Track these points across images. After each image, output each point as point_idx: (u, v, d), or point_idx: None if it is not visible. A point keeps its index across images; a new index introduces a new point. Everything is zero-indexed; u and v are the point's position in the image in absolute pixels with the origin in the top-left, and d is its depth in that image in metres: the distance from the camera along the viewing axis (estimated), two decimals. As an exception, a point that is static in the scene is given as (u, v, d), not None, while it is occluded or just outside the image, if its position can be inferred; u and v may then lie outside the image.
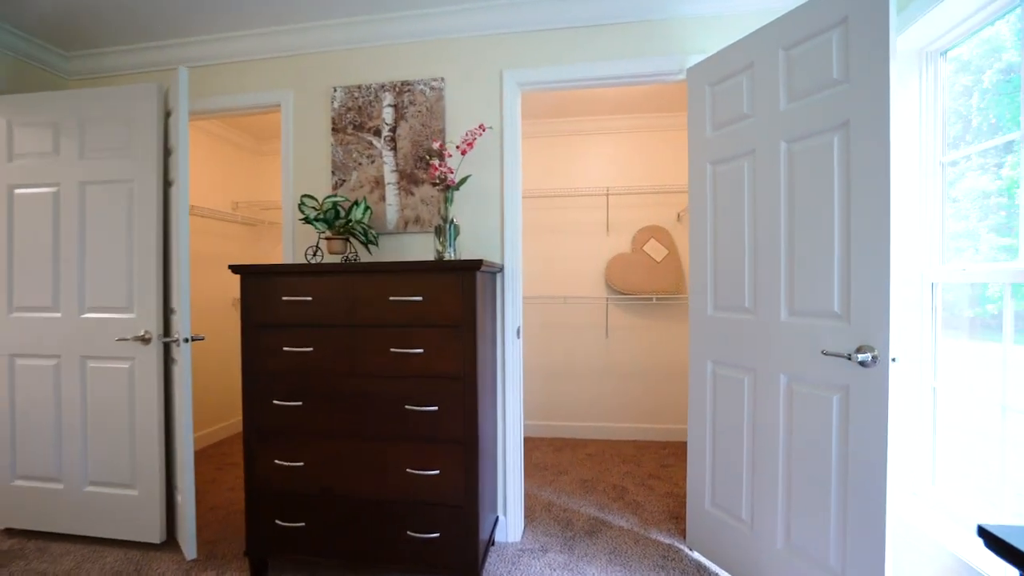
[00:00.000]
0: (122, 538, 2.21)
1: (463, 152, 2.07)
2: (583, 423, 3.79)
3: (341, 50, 2.42)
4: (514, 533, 2.29)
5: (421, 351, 1.84)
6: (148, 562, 2.08)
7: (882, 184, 1.38)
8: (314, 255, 2.12)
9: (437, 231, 2.02)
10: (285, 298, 1.94)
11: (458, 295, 1.82)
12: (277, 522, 1.97)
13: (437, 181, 2.03)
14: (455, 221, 2.03)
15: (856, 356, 1.41)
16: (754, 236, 1.78)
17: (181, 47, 2.51)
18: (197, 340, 2.16)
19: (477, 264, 1.78)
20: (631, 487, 2.86)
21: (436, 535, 1.85)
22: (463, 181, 2.05)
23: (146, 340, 2.16)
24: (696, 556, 2.10)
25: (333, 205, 2.12)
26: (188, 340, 2.06)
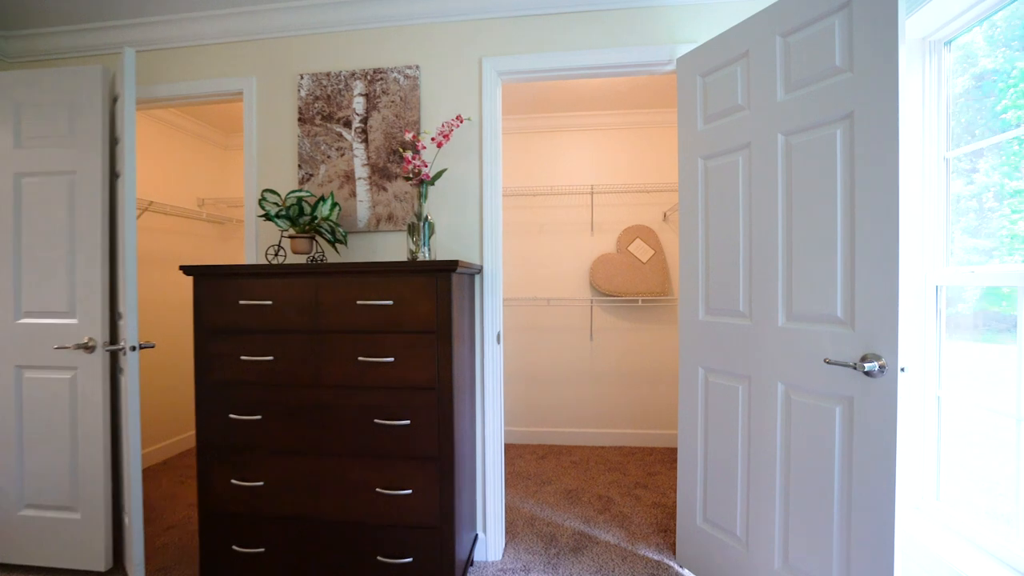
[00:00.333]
0: (63, 566, 2.01)
1: (439, 145, 1.92)
2: (567, 429, 3.67)
3: (308, 34, 2.25)
4: (495, 551, 2.14)
5: (392, 360, 1.69)
6: (90, 593, 1.89)
7: (890, 180, 1.28)
8: (276, 255, 1.95)
9: (410, 229, 1.87)
10: (243, 302, 1.77)
11: (432, 298, 1.67)
12: (235, 548, 1.80)
13: (410, 175, 1.88)
14: (430, 218, 1.88)
15: (863, 365, 1.30)
16: (749, 235, 1.67)
17: (133, 28, 2.31)
18: (146, 348, 1.97)
19: (453, 265, 1.63)
20: (617, 497, 2.74)
21: (409, 560, 1.70)
22: (438, 175, 1.90)
23: (89, 348, 1.97)
24: (687, 574, 1.99)
25: (298, 201, 1.95)
26: (136, 348, 1.87)
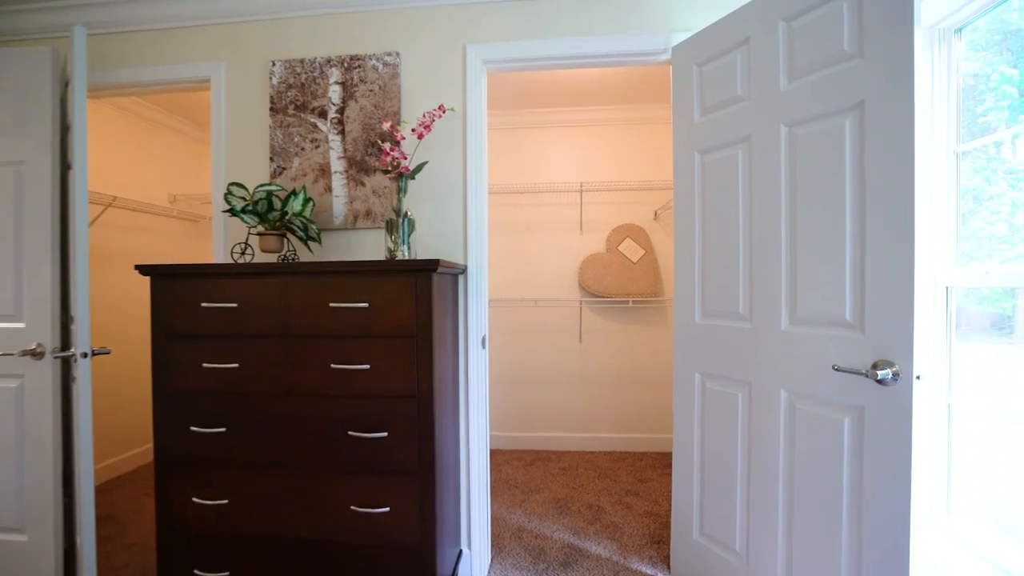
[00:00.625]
0: (8, 592, 1.85)
1: (420, 136, 1.80)
2: (556, 434, 3.56)
3: (281, 18, 2.11)
4: (479, 568, 2.03)
5: (367, 367, 1.56)
6: (37, 622, 1.73)
7: (904, 173, 1.19)
8: (243, 254, 1.81)
9: (388, 226, 1.74)
10: (205, 304, 1.63)
11: (411, 300, 1.54)
12: (196, 572, 1.65)
13: (389, 168, 1.75)
14: (409, 215, 1.76)
15: (875, 373, 1.21)
16: (749, 233, 1.58)
17: (90, 8, 2.15)
18: (101, 354, 1.81)
19: (433, 264, 1.51)
20: (608, 506, 2.64)
21: (386, 583, 1.58)
22: (419, 168, 1.78)
23: (38, 355, 1.81)
24: (682, 590, 1.89)
25: (267, 195, 1.81)
26: (88, 355, 1.71)
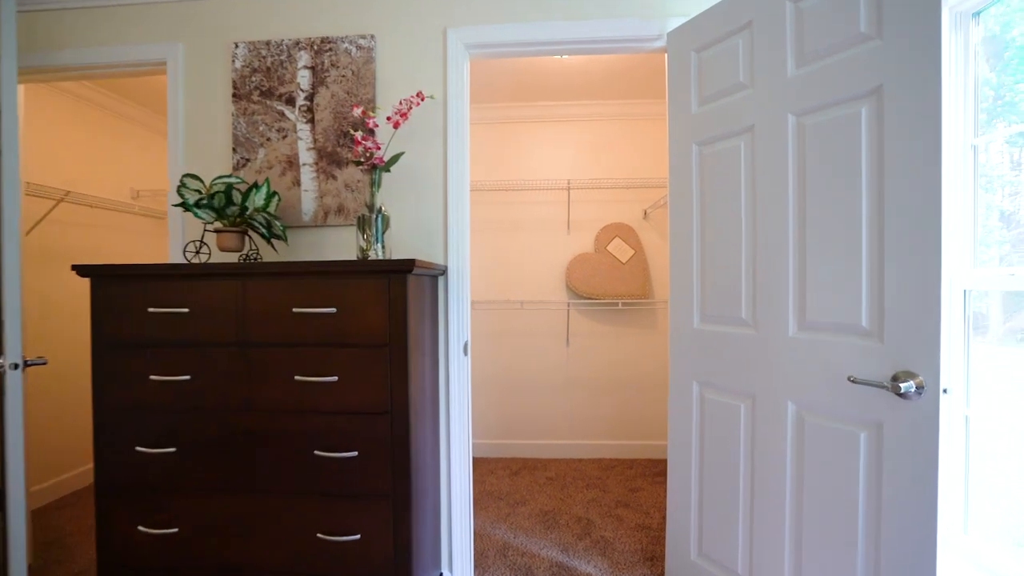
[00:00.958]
0: (-70, 633, 1.64)
1: (395, 125, 1.65)
2: (542, 441, 3.43)
3: (244, -4, 1.93)
4: (462, 592, 1.88)
5: (335, 379, 1.41)
6: (-39, 668, 1.53)
7: (929, 165, 1.08)
8: (197, 253, 1.64)
9: (360, 223, 1.59)
10: (153, 310, 1.45)
11: (384, 305, 1.39)
12: (141, 609, 1.48)
13: (361, 159, 1.60)
14: (384, 210, 1.61)
15: (898, 385, 1.09)
16: (753, 231, 1.46)
17: (30, -17, 1.95)
18: (36, 364, 1.62)
19: (409, 264, 1.36)
20: (598, 519, 2.51)
21: (357, 619, 1.42)
22: (394, 160, 1.63)
23: (-37, 366, 1.61)
24: (678, 613, 1.77)
25: (226, 188, 1.64)
26: (19, 366, 1.52)
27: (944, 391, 1.06)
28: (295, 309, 1.41)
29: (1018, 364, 1.39)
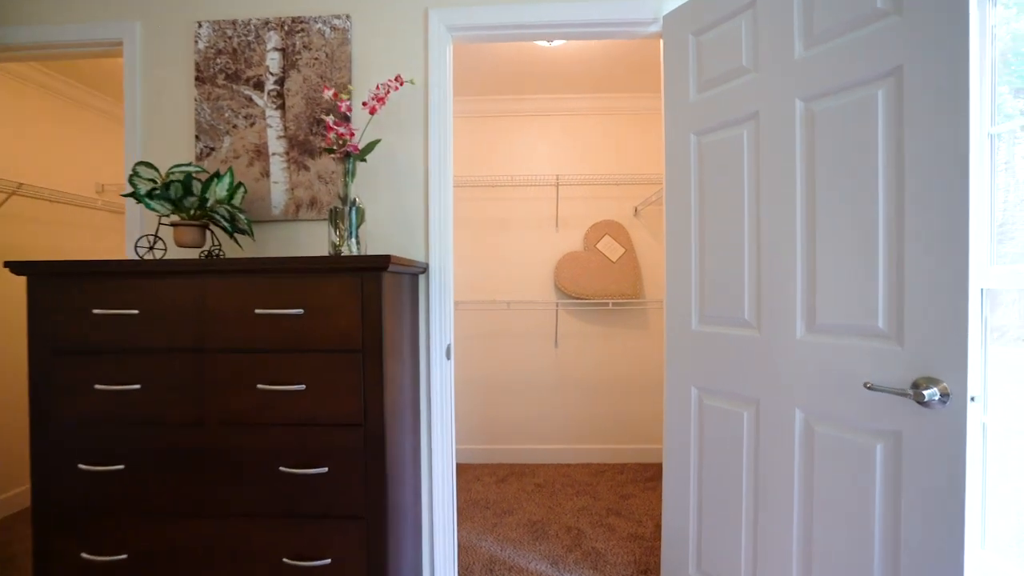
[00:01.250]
0: None
1: (372, 111, 1.51)
2: (530, 446, 3.31)
3: (207, -29, 1.79)
4: (445, 613, 1.76)
5: (303, 387, 1.28)
6: None
7: (955, 153, 0.98)
8: (151, 249, 1.49)
9: (332, 216, 1.45)
10: (98, 311, 1.31)
11: (356, 305, 1.26)
12: (86, 644, 1.33)
13: (334, 147, 1.46)
14: (358, 203, 1.47)
15: (921, 394, 1.00)
16: (757, 226, 1.36)
17: (-30, -46, 1.78)
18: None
19: (384, 261, 1.23)
20: (588, 529, 2.40)
21: (327, 651, 1.29)
22: (370, 148, 1.50)
23: None
24: (675, 632, 1.66)
25: (185, 177, 1.49)
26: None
27: (971, 399, 0.97)
28: (258, 311, 1.27)
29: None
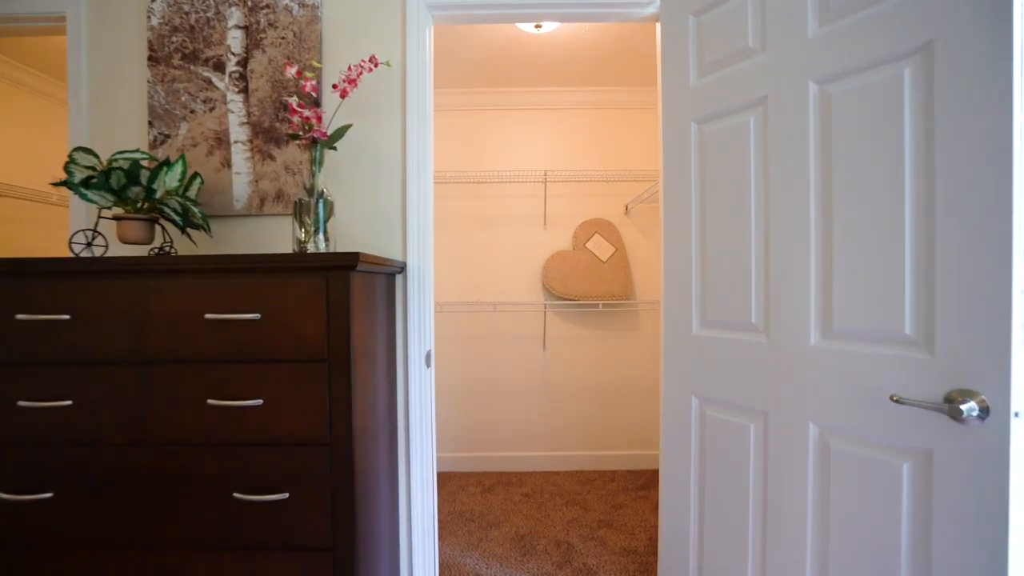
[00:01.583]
0: None
1: (343, 93, 1.37)
2: (517, 453, 3.18)
3: (162, -60, 1.62)
4: (425, 643, 1.61)
5: (260, 403, 1.13)
6: None
7: (998, 135, 0.87)
8: (88, 245, 1.32)
9: (297, 210, 1.30)
10: (23, 317, 1.14)
11: (321, 309, 1.12)
12: None
13: (300, 132, 1.31)
14: (327, 195, 1.33)
15: (958, 408, 0.88)
16: (765, 221, 1.24)
17: None
18: None
19: (352, 259, 1.09)
20: (579, 543, 2.28)
21: None
22: (340, 133, 1.35)
23: None
24: (674, 660, 1.54)
25: (132, 164, 1.33)
26: None
27: (1015, 415, 0.86)
28: (208, 315, 1.12)
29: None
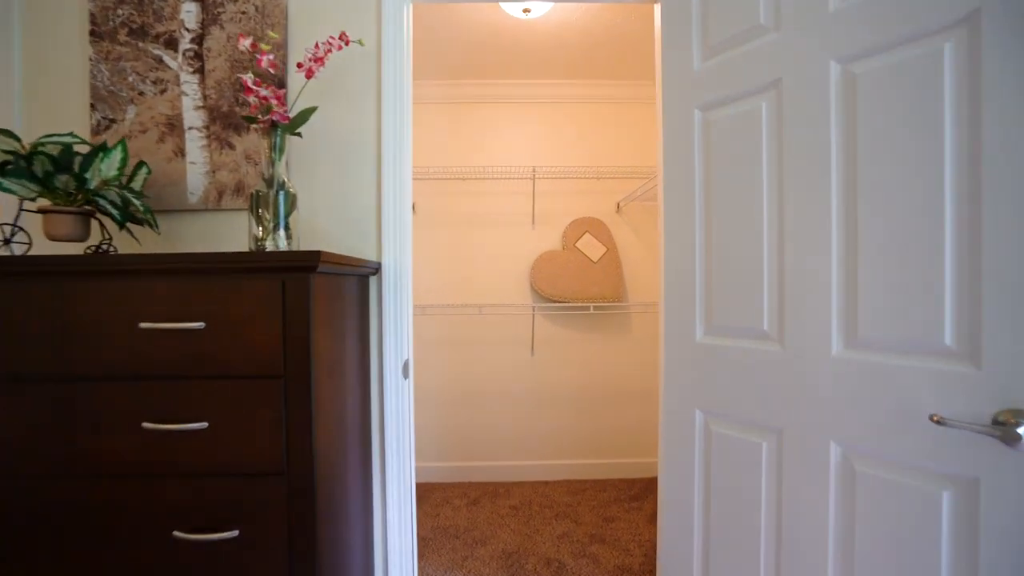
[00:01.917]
0: None
1: (308, 73, 1.21)
2: (505, 462, 3.04)
3: (106, -98, 1.45)
4: None
5: (204, 426, 0.97)
6: None
7: (1057, 116, 0.75)
8: (7, 242, 1.14)
9: (254, 203, 1.15)
10: (-77, 326, 0.97)
11: (277, 317, 0.96)
12: None
13: (258, 114, 1.15)
14: (288, 186, 1.17)
15: (1014, 431, 0.76)
16: (779, 217, 1.12)
17: None
18: None
19: (312, 259, 0.94)
20: (570, 560, 2.14)
21: None
22: (304, 117, 1.20)
23: None
24: None
25: (64, 149, 1.16)
26: None
27: (1079, 440, 0.75)
28: (143, 324, 0.96)
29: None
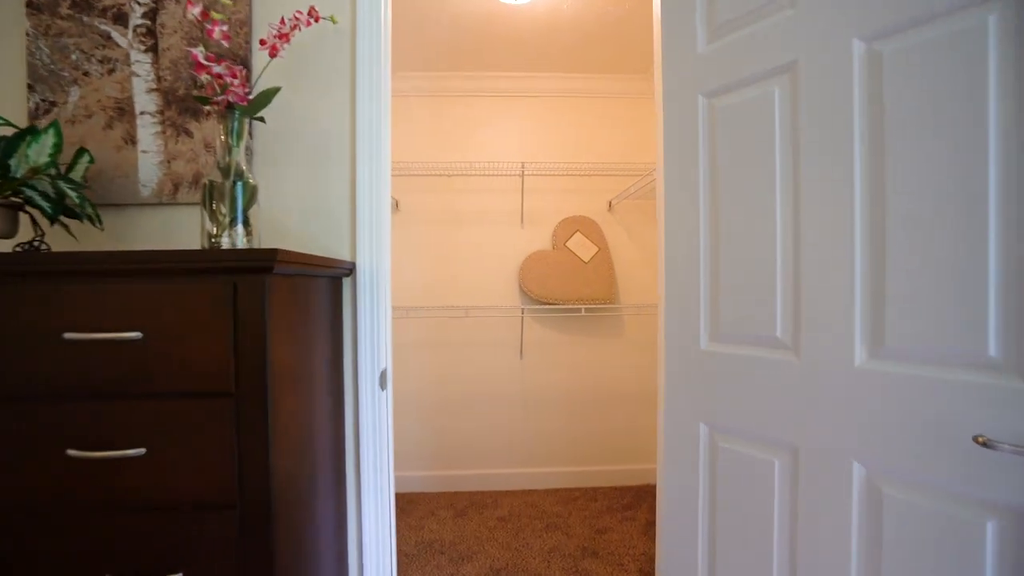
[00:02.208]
0: None
1: (272, 51, 1.08)
2: (492, 470, 2.92)
3: None
4: None
5: (142, 452, 0.83)
6: None
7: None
8: (-84, 238, 1.00)
9: (207, 195, 1.01)
10: None
11: (227, 325, 0.83)
12: None
13: (210, 97, 1.02)
14: (248, 176, 1.04)
15: (1077, 459, 0.67)
16: (794, 212, 1.02)
17: None
18: None
19: (268, 258, 0.81)
20: (561, 577, 2.03)
21: None
22: (265, 99, 1.06)
23: None
24: None
25: (-14, 137, 1.01)
26: None
27: None
28: (69, 335, 0.82)
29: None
